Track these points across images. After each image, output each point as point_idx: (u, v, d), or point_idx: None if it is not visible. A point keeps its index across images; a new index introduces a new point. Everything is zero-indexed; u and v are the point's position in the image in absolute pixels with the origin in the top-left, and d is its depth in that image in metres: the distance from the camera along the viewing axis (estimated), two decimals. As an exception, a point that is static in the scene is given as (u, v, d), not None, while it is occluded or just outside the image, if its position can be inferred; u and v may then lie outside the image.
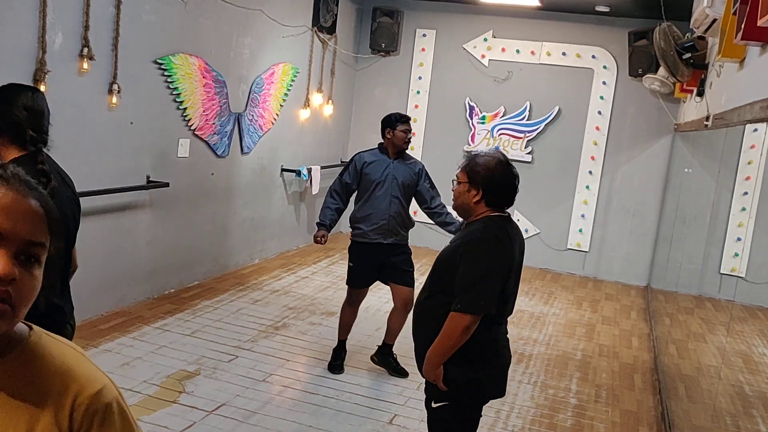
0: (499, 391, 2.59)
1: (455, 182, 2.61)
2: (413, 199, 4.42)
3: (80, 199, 4.28)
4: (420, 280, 3.25)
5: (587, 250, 7.97)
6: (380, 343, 4.51)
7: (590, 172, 7.88)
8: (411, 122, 4.43)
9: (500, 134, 8.10)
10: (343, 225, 8.88)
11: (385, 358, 4.45)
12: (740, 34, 2.57)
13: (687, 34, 5.17)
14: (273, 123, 6.71)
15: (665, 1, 5.72)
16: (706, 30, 3.87)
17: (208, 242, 6.00)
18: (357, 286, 4.41)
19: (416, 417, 3.85)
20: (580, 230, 7.96)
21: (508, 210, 2.56)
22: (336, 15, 7.53)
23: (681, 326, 4.92)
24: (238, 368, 4.22)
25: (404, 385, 4.27)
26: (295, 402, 3.88)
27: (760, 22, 2.32)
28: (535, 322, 5.97)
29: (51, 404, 0.95)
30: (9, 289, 0.89)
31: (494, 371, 2.55)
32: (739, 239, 4.70)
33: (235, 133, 6.11)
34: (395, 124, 4.31)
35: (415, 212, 8.60)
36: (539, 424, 3.93)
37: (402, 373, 4.38)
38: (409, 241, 4.44)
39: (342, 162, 8.51)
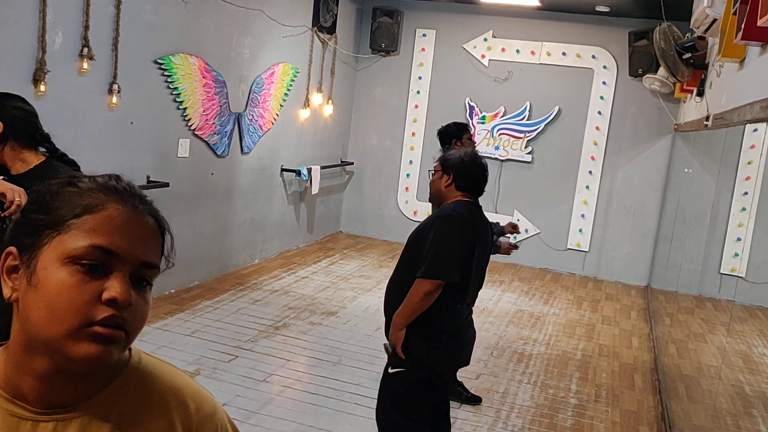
0: (451, 366, 2.84)
1: (431, 173, 2.86)
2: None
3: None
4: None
5: (587, 250, 7.97)
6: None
7: (590, 172, 7.88)
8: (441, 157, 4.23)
9: (500, 134, 8.10)
10: (343, 225, 8.89)
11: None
12: (740, 34, 2.57)
13: (687, 34, 5.17)
14: (273, 123, 6.71)
15: (665, 1, 5.72)
16: (706, 30, 3.86)
17: (208, 242, 6.00)
18: None
19: (416, 417, 3.85)
20: (580, 230, 7.96)
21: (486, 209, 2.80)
22: (336, 15, 7.52)
23: (681, 326, 4.92)
24: (238, 368, 4.22)
25: (404, 385, 4.27)
26: (295, 402, 3.88)
27: (760, 22, 2.32)
28: (535, 322, 5.97)
29: (176, 422, 0.93)
30: (124, 315, 0.83)
31: (449, 349, 2.70)
32: (739, 239, 4.70)
33: (235, 133, 6.11)
34: (461, 134, 4.33)
35: (415, 212, 8.61)
36: (539, 424, 3.93)
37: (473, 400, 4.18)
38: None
39: (342, 162, 8.52)
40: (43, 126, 2.54)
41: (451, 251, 2.59)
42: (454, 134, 4.36)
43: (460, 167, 2.75)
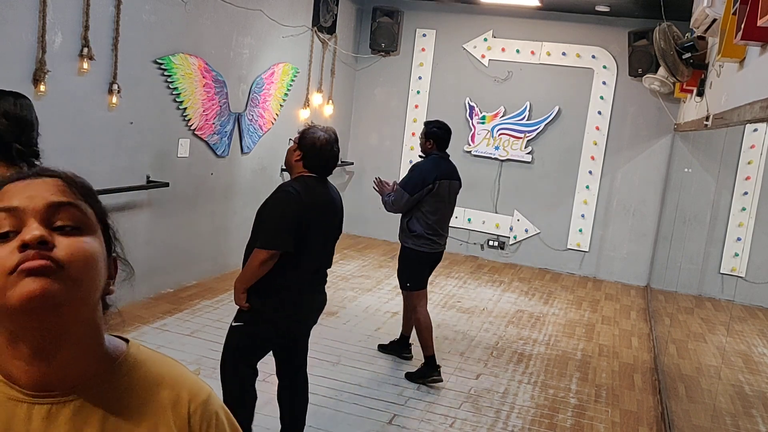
0: (288, 323, 3.08)
1: (290, 142, 3.11)
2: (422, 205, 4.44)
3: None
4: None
5: (587, 250, 7.97)
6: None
7: (590, 172, 7.88)
8: (424, 126, 4.58)
9: (500, 134, 8.10)
10: (343, 225, 8.88)
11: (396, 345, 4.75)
12: (740, 34, 2.57)
13: (687, 34, 5.17)
14: (273, 123, 6.71)
15: (665, 1, 5.72)
16: (706, 30, 3.86)
17: (207, 242, 6.00)
18: None
19: (416, 417, 3.85)
20: (580, 230, 7.96)
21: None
22: (336, 15, 7.52)
23: (681, 326, 4.92)
24: (238, 368, 4.21)
25: (404, 385, 4.27)
26: (295, 402, 3.88)
27: (760, 22, 2.32)
28: (535, 322, 5.97)
29: (168, 412, 0.95)
30: (52, 254, 0.84)
31: (284, 307, 3.00)
32: (739, 239, 4.70)
33: (234, 133, 6.11)
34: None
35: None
36: (539, 424, 3.93)
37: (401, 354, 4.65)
38: (406, 245, 4.49)
39: (342, 162, 8.52)
40: (42, 126, 2.40)
41: (281, 223, 2.86)
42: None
43: (311, 149, 2.97)
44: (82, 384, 0.91)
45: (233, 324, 3.10)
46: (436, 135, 4.49)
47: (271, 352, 3.28)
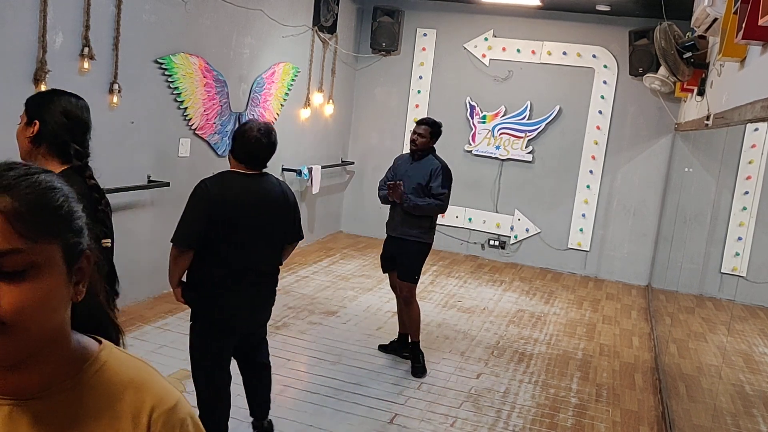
0: (232, 319, 3.01)
1: None
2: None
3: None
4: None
5: (588, 249, 7.97)
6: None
7: (591, 172, 7.88)
8: (427, 126, 4.56)
9: (501, 134, 8.09)
10: (343, 225, 8.89)
11: (410, 357, 4.64)
12: (741, 33, 2.57)
13: (688, 34, 5.17)
14: (273, 122, 6.71)
15: (666, 1, 5.72)
16: (707, 29, 3.86)
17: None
18: (383, 269, 4.81)
19: (416, 417, 3.85)
20: (581, 230, 7.96)
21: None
22: (336, 14, 7.52)
23: (682, 326, 4.92)
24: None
25: (404, 385, 4.27)
26: (296, 401, 3.88)
27: (760, 22, 2.32)
28: (535, 321, 5.97)
29: (128, 419, 0.92)
30: None
31: (217, 303, 2.95)
32: (739, 239, 4.69)
33: (235, 133, 6.11)
34: (415, 126, 4.64)
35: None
36: (540, 424, 3.93)
37: (417, 373, 4.47)
38: (421, 240, 4.54)
39: (342, 162, 8.52)
40: None
41: (188, 219, 2.87)
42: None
43: (239, 141, 2.99)
44: (46, 387, 0.90)
45: (190, 323, 3.12)
46: (440, 135, 4.65)
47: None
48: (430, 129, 4.50)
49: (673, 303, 5.45)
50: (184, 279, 3.03)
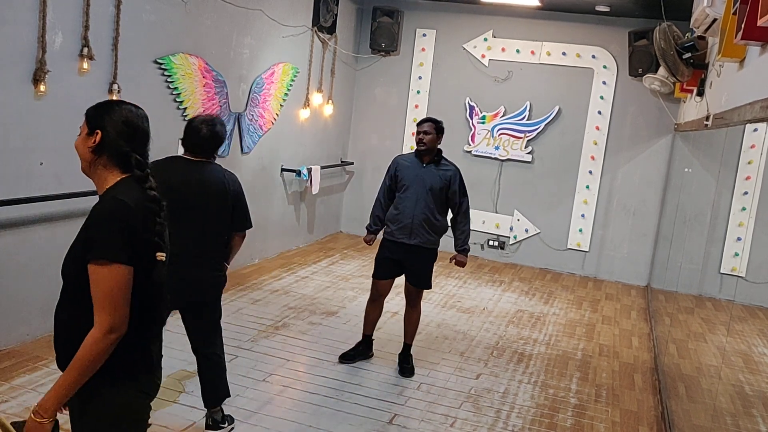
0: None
1: None
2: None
3: (80, 199, 4.28)
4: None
5: (587, 249, 7.97)
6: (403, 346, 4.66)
7: (590, 172, 7.88)
8: (432, 123, 4.46)
9: (500, 134, 8.10)
10: (343, 225, 8.89)
11: (399, 357, 4.60)
12: (740, 33, 2.58)
13: (687, 34, 5.17)
14: (273, 123, 6.71)
15: (665, 1, 5.72)
16: (706, 30, 3.87)
17: (208, 242, 5.99)
18: (377, 275, 4.52)
19: (416, 417, 3.85)
20: (581, 230, 7.96)
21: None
22: (336, 15, 7.52)
23: (681, 326, 4.92)
24: (238, 368, 4.22)
25: (404, 385, 4.27)
26: (295, 402, 3.88)
27: (760, 22, 2.32)
28: (535, 322, 5.97)
29: None
30: None
31: None
32: (739, 239, 4.70)
33: (235, 133, 6.11)
34: (417, 126, 4.53)
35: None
36: (539, 424, 3.93)
37: (406, 373, 4.48)
38: (434, 246, 4.48)
39: (342, 162, 8.52)
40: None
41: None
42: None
43: (185, 129, 3.26)
44: None
45: None
46: (444, 132, 4.55)
47: None
48: (434, 125, 4.39)
49: (672, 303, 5.45)
50: None
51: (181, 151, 3.43)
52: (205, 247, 3.24)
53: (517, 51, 7.97)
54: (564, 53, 7.82)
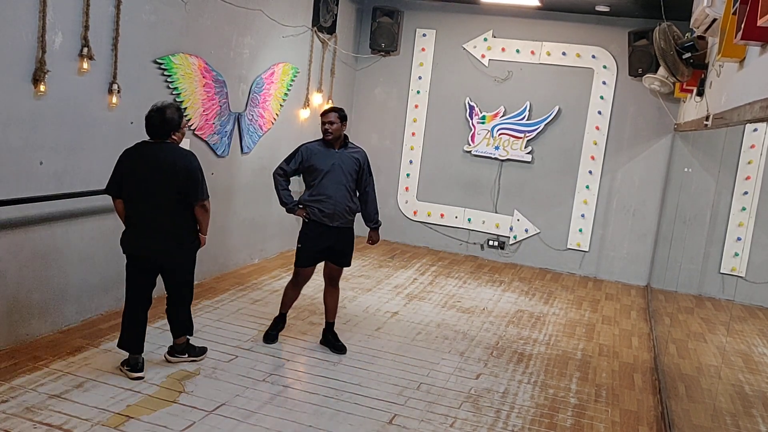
0: (132, 250, 3.93)
1: None
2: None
3: (80, 199, 4.29)
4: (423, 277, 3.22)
5: (587, 249, 7.97)
6: (324, 326, 4.86)
7: (590, 172, 7.88)
8: (336, 113, 4.71)
9: (500, 134, 8.10)
10: (343, 225, 8.89)
11: (325, 336, 4.82)
12: (740, 33, 2.58)
13: (687, 34, 5.18)
14: (273, 123, 6.71)
15: (665, 1, 5.73)
16: (706, 30, 3.87)
17: (207, 242, 5.98)
18: (302, 264, 4.70)
19: (416, 417, 3.85)
20: (580, 230, 7.96)
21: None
22: (336, 15, 7.52)
23: (681, 326, 4.92)
24: (238, 368, 4.22)
25: (404, 385, 4.27)
26: (295, 402, 3.88)
27: (760, 22, 2.32)
28: (535, 321, 5.97)
29: None
30: None
31: (129, 239, 3.91)
32: (739, 239, 4.70)
33: (235, 133, 6.11)
34: (321, 117, 4.72)
35: (415, 211, 8.62)
36: (539, 424, 3.93)
37: (341, 350, 4.71)
38: (352, 226, 4.74)
39: (342, 162, 8.51)
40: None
41: (113, 173, 3.86)
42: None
43: (146, 118, 3.85)
44: None
45: None
46: (346, 119, 4.80)
47: None
48: (338, 114, 4.68)
49: (672, 303, 5.45)
50: None
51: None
52: (161, 216, 3.84)
53: (517, 51, 7.97)
54: (564, 53, 7.83)
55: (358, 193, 4.73)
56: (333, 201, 4.57)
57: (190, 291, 4.18)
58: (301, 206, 4.68)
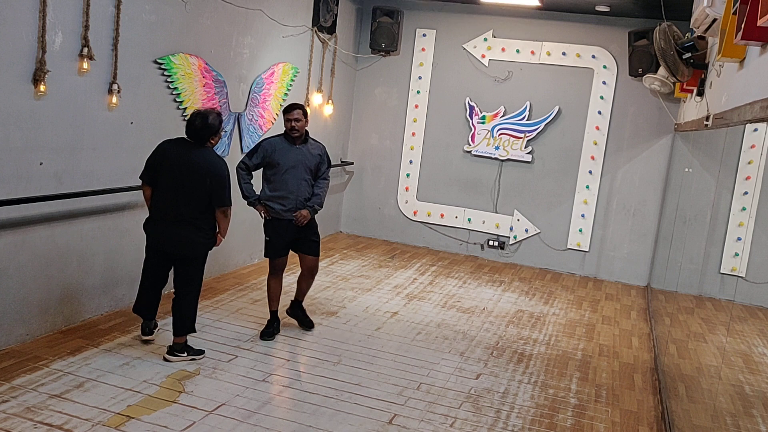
0: (152, 241, 4.24)
1: None
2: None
3: (80, 199, 4.29)
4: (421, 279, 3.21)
5: (587, 249, 7.97)
6: (293, 299, 5.14)
7: (590, 172, 7.88)
8: (300, 110, 4.79)
9: (500, 134, 8.10)
10: (343, 225, 8.89)
11: (294, 311, 5.11)
12: (740, 33, 2.58)
13: (687, 34, 5.18)
14: (273, 123, 6.71)
15: (665, 1, 5.72)
16: (706, 30, 3.87)
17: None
18: (275, 257, 4.87)
19: (416, 417, 3.85)
20: (581, 230, 7.96)
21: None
22: (336, 15, 7.52)
23: (681, 326, 4.92)
24: (238, 368, 4.22)
25: (404, 385, 4.27)
26: (295, 402, 3.88)
27: (760, 22, 2.32)
28: (535, 322, 5.97)
29: None
30: None
31: (150, 225, 4.22)
32: (739, 239, 4.69)
33: (235, 133, 6.11)
34: (284, 114, 4.80)
35: (415, 211, 8.61)
36: (539, 424, 3.93)
37: (309, 326, 5.07)
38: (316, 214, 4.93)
39: (342, 162, 8.52)
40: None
41: (146, 163, 4.16)
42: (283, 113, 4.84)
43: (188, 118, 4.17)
44: None
45: None
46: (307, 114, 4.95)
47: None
48: (302, 112, 4.78)
49: (672, 303, 5.45)
50: None
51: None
52: (186, 211, 4.08)
53: (517, 51, 7.97)
54: (564, 53, 7.82)
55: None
56: (294, 196, 4.75)
57: (197, 286, 4.34)
58: (261, 203, 4.83)
